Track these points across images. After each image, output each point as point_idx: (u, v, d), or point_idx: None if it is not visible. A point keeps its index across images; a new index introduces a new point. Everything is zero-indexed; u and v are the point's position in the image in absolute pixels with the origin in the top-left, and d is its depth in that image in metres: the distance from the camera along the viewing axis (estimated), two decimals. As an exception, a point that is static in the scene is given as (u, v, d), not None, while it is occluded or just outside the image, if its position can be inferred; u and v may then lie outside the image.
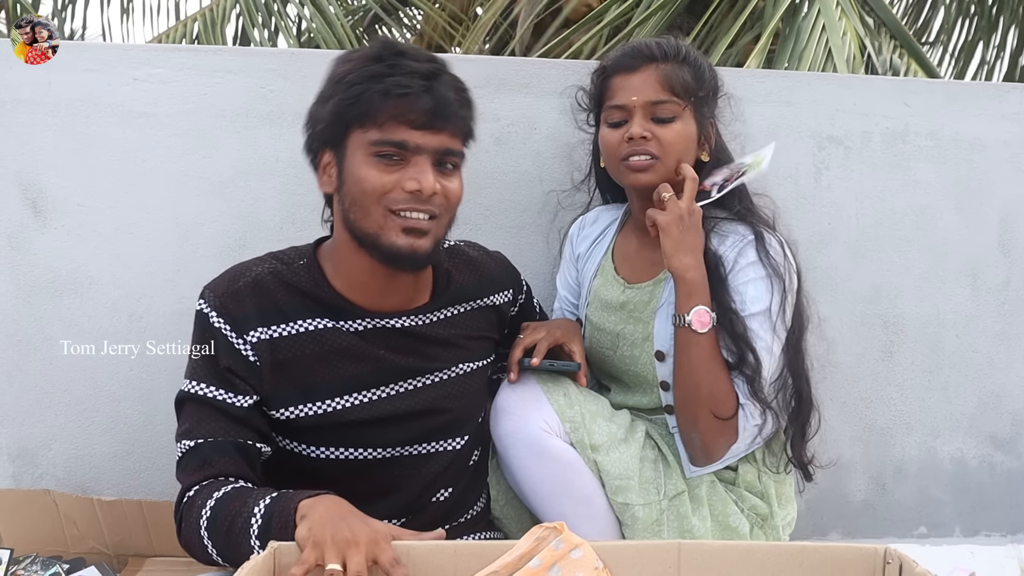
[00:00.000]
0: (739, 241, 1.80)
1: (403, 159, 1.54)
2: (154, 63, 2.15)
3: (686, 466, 1.83)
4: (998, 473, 2.51)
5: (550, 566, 1.36)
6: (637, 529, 1.77)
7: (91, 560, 1.98)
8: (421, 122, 1.53)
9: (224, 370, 1.59)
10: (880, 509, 2.47)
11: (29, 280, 2.14)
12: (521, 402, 1.77)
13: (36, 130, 2.12)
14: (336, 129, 1.56)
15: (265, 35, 5.86)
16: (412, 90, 1.51)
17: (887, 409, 2.44)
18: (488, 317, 1.85)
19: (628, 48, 1.88)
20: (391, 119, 1.52)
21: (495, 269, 1.90)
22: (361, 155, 1.54)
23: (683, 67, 1.83)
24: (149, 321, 2.16)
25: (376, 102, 1.51)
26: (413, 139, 1.53)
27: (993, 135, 2.43)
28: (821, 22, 3.53)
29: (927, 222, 2.41)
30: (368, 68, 1.53)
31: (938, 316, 2.44)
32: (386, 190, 1.54)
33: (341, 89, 1.54)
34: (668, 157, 1.80)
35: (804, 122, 2.35)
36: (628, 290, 1.92)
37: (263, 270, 1.66)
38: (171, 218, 2.16)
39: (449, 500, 1.76)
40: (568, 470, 1.75)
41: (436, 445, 1.73)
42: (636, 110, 1.81)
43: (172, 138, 2.15)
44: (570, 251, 2.10)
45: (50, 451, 2.18)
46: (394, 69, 1.52)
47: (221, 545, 1.47)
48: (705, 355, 1.72)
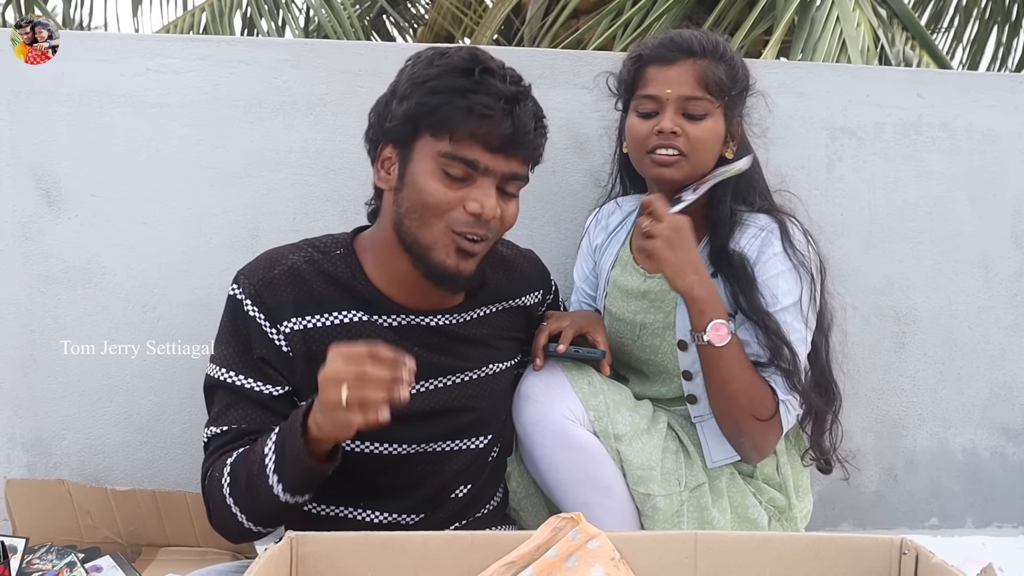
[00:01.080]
0: (760, 232, 1.80)
1: (470, 178, 1.52)
2: (167, 53, 2.15)
3: (707, 457, 1.84)
4: (1010, 464, 2.51)
5: (567, 556, 1.36)
6: (657, 520, 1.77)
7: (105, 550, 1.98)
8: (496, 145, 1.51)
9: (257, 360, 1.58)
10: (892, 500, 2.47)
11: (43, 270, 2.14)
12: (545, 390, 1.76)
13: (50, 120, 2.12)
14: (408, 130, 1.53)
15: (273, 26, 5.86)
16: (495, 113, 1.49)
17: (899, 400, 2.44)
18: (518, 317, 1.84)
19: (667, 39, 1.84)
20: (468, 136, 1.49)
21: (528, 269, 1.89)
22: (429, 163, 1.51)
23: (720, 64, 1.80)
24: (162, 311, 2.17)
25: (456, 117, 1.48)
26: (484, 161, 1.51)
27: (1006, 126, 2.42)
28: (835, 14, 3.52)
29: (940, 213, 2.41)
30: (454, 80, 1.50)
31: (950, 307, 2.44)
32: (449, 207, 1.52)
33: (422, 93, 1.51)
34: (695, 154, 1.79)
35: (817, 113, 2.34)
36: (649, 279, 1.91)
37: (299, 258, 1.64)
38: (184, 208, 2.16)
39: (467, 496, 1.76)
40: (591, 459, 1.74)
41: (460, 443, 1.72)
42: (669, 103, 1.79)
43: (185, 128, 2.15)
44: (587, 243, 2.09)
45: (64, 441, 2.19)
46: (480, 87, 1.49)
47: (247, 503, 1.46)
48: (733, 365, 1.72)
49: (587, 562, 1.35)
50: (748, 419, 1.74)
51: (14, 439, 2.18)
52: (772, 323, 1.75)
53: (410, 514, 1.68)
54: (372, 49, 2.17)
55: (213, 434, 1.56)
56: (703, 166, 1.81)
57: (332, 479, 1.50)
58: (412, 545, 1.36)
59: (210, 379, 1.61)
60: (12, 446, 2.18)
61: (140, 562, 2.01)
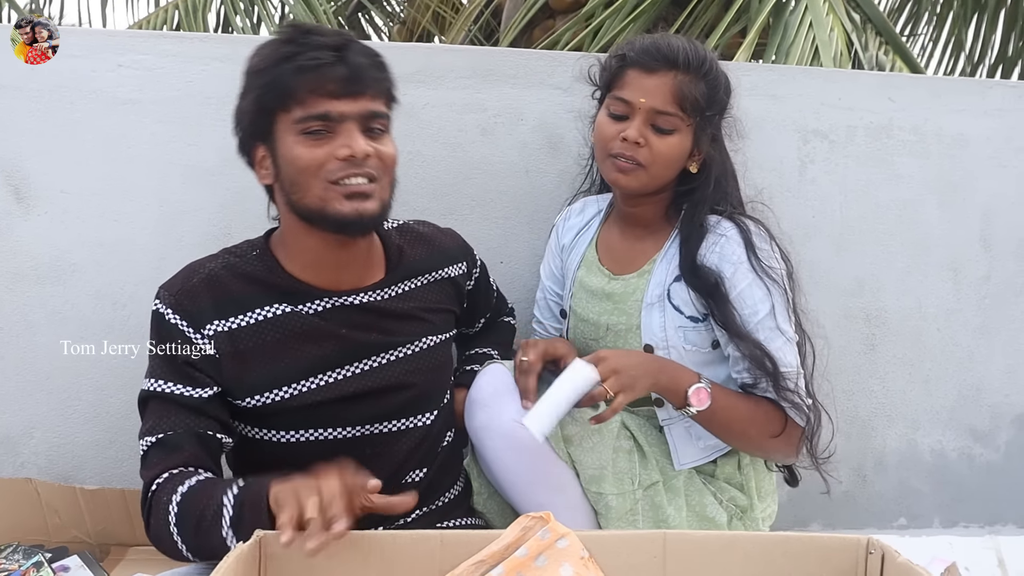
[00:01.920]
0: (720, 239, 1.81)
1: (330, 131, 1.54)
2: (139, 50, 2.13)
3: (675, 459, 1.86)
4: (977, 465, 2.54)
5: (536, 555, 1.37)
6: (611, 518, 1.78)
7: (73, 549, 1.97)
8: (339, 90, 1.53)
9: (183, 364, 1.59)
10: (861, 500, 2.49)
11: (11, 267, 2.13)
12: (494, 395, 1.77)
13: (19, 116, 2.10)
14: (262, 120, 1.56)
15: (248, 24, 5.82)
16: (324, 60, 1.51)
17: (868, 401, 2.46)
18: (446, 290, 1.85)
19: (654, 45, 1.81)
20: (309, 94, 1.51)
21: (447, 243, 1.91)
22: (290, 137, 1.54)
23: (700, 82, 1.79)
24: (132, 309, 2.15)
25: (292, 80, 1.51)
26: (335, 108, 1.53)
27: (976, 131, 2.44)
28: (808, 18, 3.53)
29: (910, 216, 2.43)
30: (279, 51, 1.53)
31: (920, 309, 2.46)
32: (320, 163, 1.53)
33: (257, 79, 1.55)
34: (654, 167, 1.80)
35: (789, 116, 2.36)
36: (613, 281, 1.93)
37: (216, 265, 1.67)
38: (156, 206, 2.15)
39: (423, 482, 1.76)
40: (542, 460, 1.76)
41: (404, 422, 1.73)
42: (639, 112, 1.78)
43: (157, 125, 2.14)
44: (555, 241, 2.10)
45: (32, 439, 2.17)
46: (304, 47, 1.52)
47: (191, 539, 1.46)
48: (728, 411, 1.76)
49: (556, 561, 1.36)
50: (766, 441, 1.79)
51: (-19, 437, 2.16)
52: (750, 339, 1.77)
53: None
54: (346, 47, 2.16)
55: (150, 444, 1.56)
56: (660, 178, 1.83)
57: (283, 473, 1.50)
58: (381, 544, 1.36)
59: (143, 393, 1.61)
60: (-21, 444, 2.16)
61: (108, 562, 2.00)
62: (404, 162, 2.20)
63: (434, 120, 2.23)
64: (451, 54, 2.28)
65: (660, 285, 1.85)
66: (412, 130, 2.21)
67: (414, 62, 2.20)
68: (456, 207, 2.25)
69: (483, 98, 2.24)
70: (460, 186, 2.25)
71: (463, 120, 2.23)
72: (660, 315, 1.84)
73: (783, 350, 1.78)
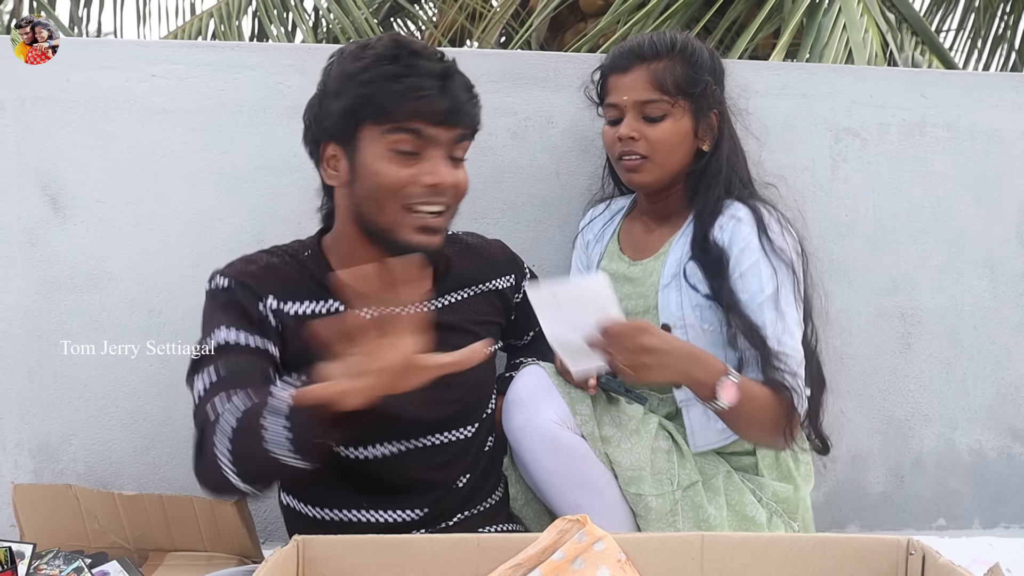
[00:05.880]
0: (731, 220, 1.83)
1: (418, 154, 1.55)
2: (172, 59, 2.16)
3: (691, 442, 1.85)
4: (1017, 464, 2.51)
5: (573, 559, 1.36)
6: (651, 520, 1.77)
7: (112, 555, 1.99)
8: (437, 121, 1.54)
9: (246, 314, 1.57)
10: (899, 501, 2.46)
11: (49, 276, 2.15)
12: (533, 395, 1.78)
13: (55, 127, 2.13)
14: (347, 124, 1.56)
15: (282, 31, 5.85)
16: (429, 92, 1.52)
17: (905, 401, 2.44)
18: (492, 302, 1.85)
19: (622, 47, 1.92)
20: (408, 118, 1.53)
21: (496, 254, 1.91)
22: (377, 148, 1.55)
23: (675, 62, 1.86)
24: (168, 316, 2.17)
25: (393, 102, 1.52)
26: (430, 132, 1.54)
27: (1010, 126, 2.42)
28: (842, 20, 3.50)
29: (944, 213, 2.41)
30: (384, 68, 1.53)
31: (956, 308, 2.44)
32: (403, 185, 1.54)
33: (355, 86, 1.54)
34: (658, 155, 1.86)
35: (821, 114, 2.35)
36: (632, 267, 1.96)
37: (271, 257, 1.69)
38: (189, 214, 2.17)
39: (468, 486, 1.76)
40: (580, 462, 1.75)
41: (448, 435, 1.73)
42: (627, 109, 1.87)
43: (190, 134, 2.16)
44: (581, 240, 2.13)
45: (71, 446, 2.19)
46: (411, 70, 1.52)
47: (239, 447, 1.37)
48: (752, 403, 1.72)
49: (593, 564, 1.35)
50: (772, 429, 1.77)
51: (21, 445, 2.18)
52: (747, 318, 1.77)
53: (413, 510, 1.69)
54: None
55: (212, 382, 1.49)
56: (669, 165, 1.87)
57: (331, 484, 1.51)
58: (418, 547, 1.37)
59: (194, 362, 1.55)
60: (19, 452, 2.18)
61: (147, 567, 2.01)
62: (435, 166, 2.22)
63: (465, 124, 2.23)
64: (481, 58, 2.29)
65: (676, 264, 1.87)
66: (442, 134, 2.21)
67: (444, 67, 2.21)
68: (487, 211, 2.25)
69: (513, 101, 2.24)
70: (491, 190, 2.25)
71: (494, 124, 2.23)
72: (677, 294, 1.85)
73: (787, 332, 1.78)
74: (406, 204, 1.56)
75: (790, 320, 1.79)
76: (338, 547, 1.34)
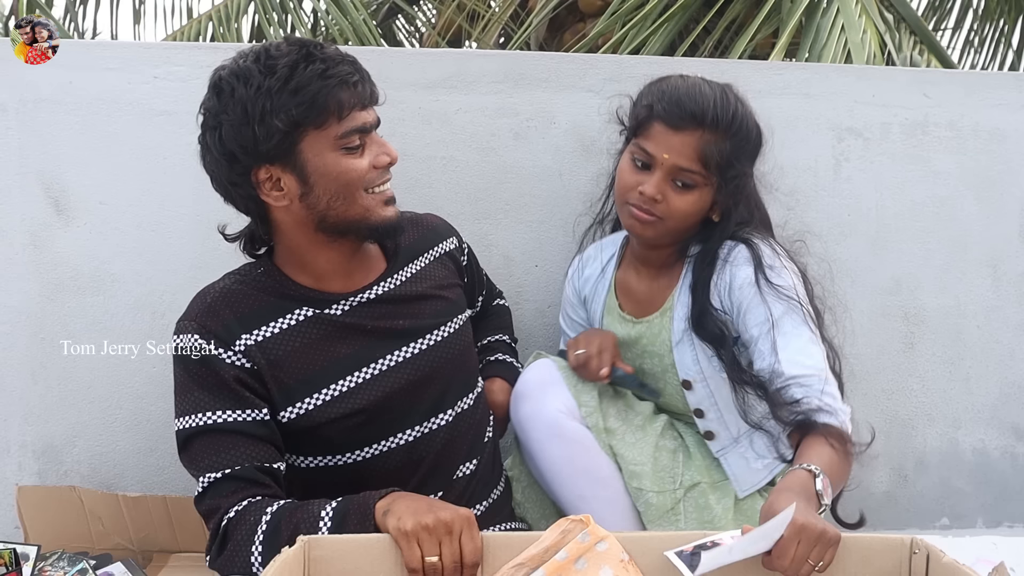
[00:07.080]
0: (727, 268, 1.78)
1: (363, 141, 1.60)
2: (174, 61, 2.16)
3: (737, 488, 1.83)
4: (1021, 464, 2.50)
5: (576, 558, 1.36)
6: (651, 516, 1.78)
7: (117, 556, 1.99)
8: (365, 103, 1.60)
9: (227, 385, 1.58)
10: (902, 500, 2.46)
11: (52, 278, 2.15)
12: (539, 386, 1.81)
13: (58, 129, 2.13)
14: (286, 140, 1.53)
15: (281, 33, 5.84)
16: (352, 74, 1.57)
17: (908, 400, 2.44)
18: (446, 265, 1.89)
19: (680, 100, 1.75)
20: (347, 109, 1.55)
21: (433, 221, 1.94)
22: (328, 151, 1.56)
23: (727, 140, 1.73)
24: (171, 318, 2.14)
25: (334, 97, 1.53)
26: (366, 120, 1.59)
27: (1013, 125, 2.41)
28: (840, 21, 3.50)
29: (947, 213, 2.40)
30: (310, 68, 1.52)
31: (959, 307, 2.43)
32: (365, 172, 1.59)
33: (287, 97, 1.51)
34: (671, 221, 1.77)
35: (823, 114, 2.34)
36: (637, 325, 1.91)
37: (226, 283, 1.70)
38: (192, 215, 2.17)
39: (474, 475, 1.78)
40: (585, 452, 1.78)
41: (450, 412, 1.75)
42: (661, 167, 1.74)
43: (192, 136, 2.13)
44: (573, 291, 2.06)
45: (75, 448, 2.19)
46: (330, 63, 1.54)
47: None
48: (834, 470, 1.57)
49: (596, 564, 1.36)
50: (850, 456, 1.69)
51: (25, 447, 2.18)
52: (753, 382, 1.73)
53: None
54: (378, 55, 2.17)
55: (216, 478, 1.53)
56: (677, 231, 1.80)
57: (332, 486, 1.51)
58: (422, 548, 1.37)
59: (184, 433, 1.58)
60: (23, 453, 2.18)
61: (152, 568, 2.02)
62: (438, 167, 2.23)
63: (467, 125, 2.24)
64: (483, 59, 2.29)
65: (683, 319, 1.83)
66: (445, 135, 2.22)
67: (446, 68, 2.22)
68: (490, 211, 2.25)
69: (515, 102, 2.24)
70: (493, 190, 2.25)
71: (496, 124, 2.24)
72: (691, 350, 1.82)
73: (803, 352, 1.69)
74: (367, 188, 1.61)
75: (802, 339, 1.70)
76: (344, 546, 1.35)
